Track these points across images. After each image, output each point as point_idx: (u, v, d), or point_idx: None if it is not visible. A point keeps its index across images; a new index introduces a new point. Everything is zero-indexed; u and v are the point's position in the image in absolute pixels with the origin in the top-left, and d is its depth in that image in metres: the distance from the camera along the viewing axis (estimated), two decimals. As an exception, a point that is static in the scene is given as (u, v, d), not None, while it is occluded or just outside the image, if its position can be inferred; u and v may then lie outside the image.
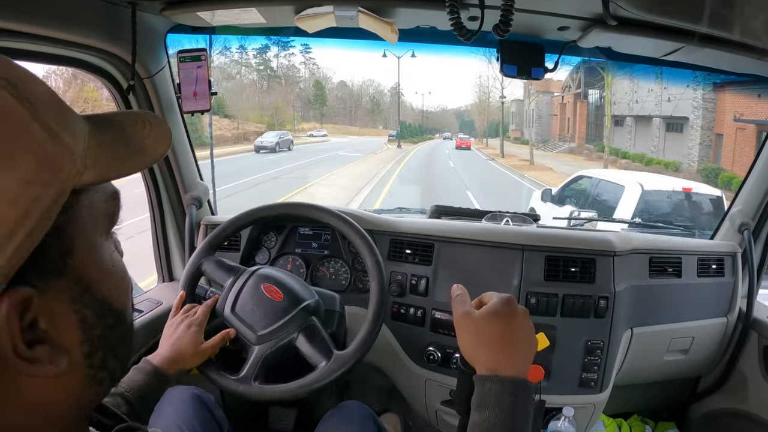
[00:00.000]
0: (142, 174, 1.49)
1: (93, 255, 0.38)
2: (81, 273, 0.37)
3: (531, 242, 1.34)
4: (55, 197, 0.33)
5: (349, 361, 1.07)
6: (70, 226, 0.36)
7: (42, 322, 0.34)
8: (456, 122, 44.58)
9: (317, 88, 38.47)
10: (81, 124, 0.38)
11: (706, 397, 1.66)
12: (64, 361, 0.36)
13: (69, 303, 0.36)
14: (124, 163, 0.40)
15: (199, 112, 1.39)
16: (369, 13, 1.13)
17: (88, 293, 0.38)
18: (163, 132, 0.45)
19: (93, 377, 0.40)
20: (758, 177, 1.48)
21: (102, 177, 0.38)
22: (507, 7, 0.87)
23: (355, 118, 41.43)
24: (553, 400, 1.29)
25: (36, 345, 0.34)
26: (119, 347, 0.42)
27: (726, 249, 1.53)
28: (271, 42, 29.26)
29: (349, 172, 16.51)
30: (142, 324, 1.32)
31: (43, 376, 0.35)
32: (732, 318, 1.51)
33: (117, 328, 0.41)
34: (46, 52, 1.08)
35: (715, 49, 1.11)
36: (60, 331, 0.36)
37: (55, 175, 0.33)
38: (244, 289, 1.14)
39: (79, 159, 0.35)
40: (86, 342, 0.38)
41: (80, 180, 0.35)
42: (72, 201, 0.35)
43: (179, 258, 1.60)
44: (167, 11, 1.18)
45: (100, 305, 0.39)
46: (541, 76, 1.28)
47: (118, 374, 0.43)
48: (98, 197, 0.39)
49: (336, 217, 1.22)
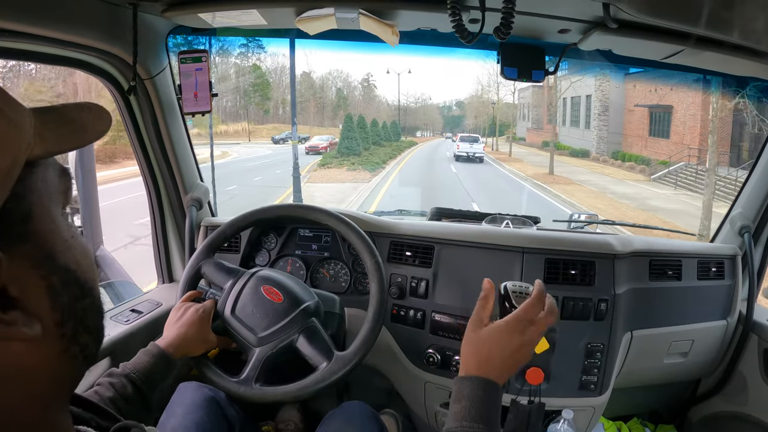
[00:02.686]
0: (143, 175, 1.49)
1: (51, 224, 0.41)
2: (42, 239, 0.40)
3: (531, 245, 1.34)
4: (10, 165, 0.36)
5: (350, 361, 1.07)
6: (27, 195, 0.39)
7: (12, 288, 0.36)
8: (440, 118, 36.29)
9: (256, 74, 26.24)
10: (24, 108, 0.41)
11: (706, 400, 1.66)
12: (37, 326, 0.38)
13: (35, 269, 0.38)
14: (69, 138, 0.44)
15: (200, 113, 1.39)
16: (370, 15, 1.13)
17: (51, 260, 0.40)
18: (102, 111, 0.48)
19: (66, 350, 0.41)
20: (758, 180, 1.49)
21: (50, 150, 0.41)
22: (508, 10, 0.87)
23: (313, 116, 31.15)
24: (552, 403, 1.29)
25: (9, 310, 0.36)
26: (89, 319, 0.44)
27: (726, 252, 1.53)
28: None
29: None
30: (142, 325, 1.32)
31: (19, 339, 0.37)
32: (732, 321, 1.51)
33: (84, 299, 0.43)
34: (48, 52, 1.09)
35: (716, 52, 1.11)
36: (29, 296, 0.38)
37: (6, 146, 0.36)
38: (244, 290, 1.14)
39: (27, 134, 0.39)
40: (56, 310, 0.40)
41: (31, 153, 0.39)
42: (26, 173, 0.38)
43: (179, 259, 1.60)
44: (168, 12, 1.18)
45: (65, 273, 0.41)
46: (541, 79, 1.28)
47: (92, 351, 0.45)
48: (51, 172, 0.43)
49: (336, 219, 1.22)
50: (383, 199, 11.26)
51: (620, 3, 0.91)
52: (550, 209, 11.62)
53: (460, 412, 0.73)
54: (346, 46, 1.46)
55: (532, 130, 25.57)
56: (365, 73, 25.75)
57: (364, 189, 14.11)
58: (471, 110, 32.89)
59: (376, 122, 26.26)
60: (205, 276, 1.22)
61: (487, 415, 0.72)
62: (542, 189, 14.71)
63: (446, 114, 37.02)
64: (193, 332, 1.07)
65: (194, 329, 1.07)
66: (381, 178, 16.61)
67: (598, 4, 0.99)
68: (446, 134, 33.37)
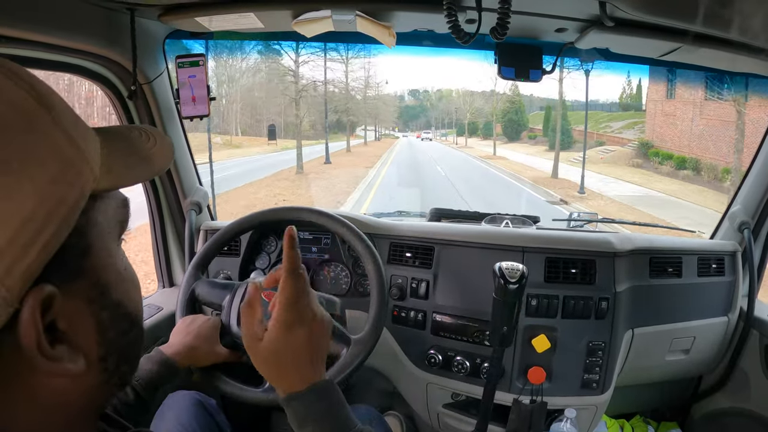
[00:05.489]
0: None
1: (108, 258, 0.41)
2: (98, 275, 0.39)
3: (531, 244, 1.34)
4: (77, 198, 0.36)
5: (368, 342, 1.06)
6: (88, 229, 0.38)
7: (61, 322, 0.36)
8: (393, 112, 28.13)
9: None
10: (93, 135, 0.40)
11: (709, 397, 1.66)
12: (81, 361, 0.37)
13: (86, 304, 0.38)
14: (134, 171, 0.43)
15: (198, 117, 1.39)
16: (367, 17, 1.13)
17: (104, 295, 0.40)
18: (167, 144, 0.48)
19: (107, 381, 0.42)
20: (757, 175, 1.49)
21: (116, 184, 0.41)
22: (504, 10, 0.87)
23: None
24: (555, 402, 1.29)
25: (56, 344, 0.36)
26: (131, 352, 0.44)
27: (726, 248, 1.53)
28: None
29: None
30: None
31: (62, 375, 0.36)
32: (733, 317, 1.51)
33: (130, 332, 0.43)
34: (45, 58, 1.09)
35: (713, 49, 1.11)
36: (77, 332, 0.37)
37: (76, 177, 0.36)
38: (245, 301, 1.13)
39: (95, 165, 0.38)
40: (102, 345, 0.40)
41: (97, 186, 0.38)
42: (89, 206, 0.37)
43: (179, 264, 1.60)
44: (165, 17, 1.18)
45: (115, 308, 0.41)
46: (539, 78, 1.28)
47: (128, 379, 0.45)
48: (111, 204, 0.42)
49: (336, 221, 1.22)
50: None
51: (617, 1, 0.91)
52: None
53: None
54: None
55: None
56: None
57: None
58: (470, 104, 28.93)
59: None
60: (200, 297, 1.19)
61: (340, 422, 0.64)
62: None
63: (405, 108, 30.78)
64: (201, 343, 1.04)
65: (202, 340, 1.05)
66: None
67: (595, 2, 0.99)
68: (423, 133, 29.81)
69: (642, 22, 1.05)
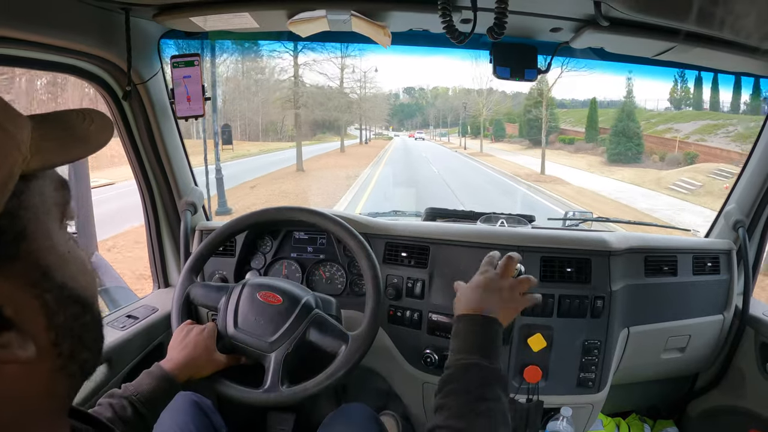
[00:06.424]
0: (136, 180, 1.49)
1: (46, 240, 0.40)
2: (36, 257, 0.38)
3: (526, 243, 1.34)
4: (4, 181, 0.35)
5: (366, 338, 1.08)
6: (22, 211, 0.37)
7: (6, 308, 0.35)
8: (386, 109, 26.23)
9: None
10: (23, 119, 0.39)
11: (704, 394, 1.67)
12: (31, 347, 0.37)
13: (29, 288, 0.37)
14: (68, 150, 0.42)
15: (193, 117, 1.39)
16: (362, 16, 1.13)
17: (46, 278, 0.39)
18: (105, 121, 0.47)
19: (63, 368, 0.41)
20: (752, 174, 1.49)
21: (47, 163, 0.40)
22: (500, 10, 0.87)
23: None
24: (551, 401, 1.30)
25: (3, 332, 0.35)
26: (88, 337, 0.43)
27: (721, 246, 1.53)
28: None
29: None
30: (138, 330, 1.31)
31: (12, 361, 0.36)
32: (728, 315, 1.52)
33: (83, 316, 0.42)
34: (40, 58, 1.08)
35: (706, 48, 1.12)
36: (23, 317, 0.37)
37: (2, 159, 0.35)
38: (241, 303, 1.14)
39: (24, 146, 0.37)
40: (51, 329, 0.39)
41: (28, 166, 0.37)
42: (21, 187, 0.37)
43: (175, 264, 1.60)
44: (160, 17, 1.18)
45: (60, 290, 0.40)
46: (534, 78, 1.29)
47: (91, 366, 0.45)
48: (48, 185, 0.41)
49: (331, 221, 1.22)
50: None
51: (612, 1, 0.92)
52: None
53: (457, 348, 0.79)
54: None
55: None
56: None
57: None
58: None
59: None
60: (195, 301, 1.20)
61: (482, 346, 0.78)
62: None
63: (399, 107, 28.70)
64: (199, 353, 1.04)
65: (200, 350, 1.05)
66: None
67: (590, 2, 0.99)
68: (417, 133, 28.28)
69: (637, 22, 1.06)
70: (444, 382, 0.75)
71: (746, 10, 0.77)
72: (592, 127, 17.38)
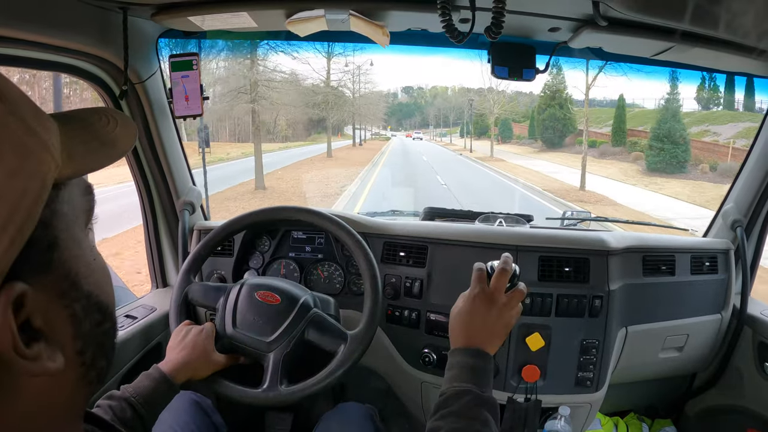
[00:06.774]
0: (134, 180, 1.48)
1: (76, 249, 0.39)
2: (67, 267, 0.37)
3: (524, 243, 1.34)
4: (39, 190, 0.34)
5: (364, 337, 1.08)
6: (54, 220, 0.36)
7: (36, 319, 0.34)
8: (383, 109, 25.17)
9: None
10: (51, 121, 0.38)
11: (702, 394, 1.67)
12: (60, 357, 0.36)
13: (59, 298, 0.37)
14: (97, 156, 0.41)
15: (191, 116, 1.38)
16: (360, 16, 1.13)
17: (75, 287, 0.38)
18: (129, 125, 0.46)
19: (84, 376, 0.40)
20: (750, 174, 1.50)
21: (79, 170, 0.39)
22: (498, 10, 0.87)
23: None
24: (549, 400, 1.30)
25: (33, 343, 0.34)
26: (107, 344, 0.43)
27: (719, 246, 1.54)
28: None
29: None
30: (136, 330, 1.31)
31: (42, 374, 0.35)
32: (726, 314, 1.52)
33: (104, 324, 0.42)
34: (37, 57, 1.08)
35: (705, 48, 1.12)
36: (53, 327, 0.36)
37: (37, 167, 0.34)
38: (239, 303, 1.13)
39: (56, 153, 0.36)
40: (78, 338, 0.39)
41: (60, 174, 0.36)
42: (53, 195, 0.36)
43: (173, 264, 1.59)
44: (158, 16, 1.17)
45: (87, 299, 0.39)
46: (532, 78, 1.29)
47: (105, 373, 0.44)
48: (75, 192, 0.40)
49: (329, 221, 1.22)
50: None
51: (610, 1, 0.92)
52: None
53: (451, 377, 0.81)
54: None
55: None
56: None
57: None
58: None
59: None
60: (193, 301, 1.20)
61: (475, 377, 0.79)
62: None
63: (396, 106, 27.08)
64: (197, 354, 1.04)
65: (198, 351, 1.04)
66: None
67: (588, 2, 0.99)
68: (415, 133, 27.11)
69: (635, 22, 1.06)
70: (438, 407, 0.78)
71: (744, 10, 0.77)
72: (620, 129, 15.05)
